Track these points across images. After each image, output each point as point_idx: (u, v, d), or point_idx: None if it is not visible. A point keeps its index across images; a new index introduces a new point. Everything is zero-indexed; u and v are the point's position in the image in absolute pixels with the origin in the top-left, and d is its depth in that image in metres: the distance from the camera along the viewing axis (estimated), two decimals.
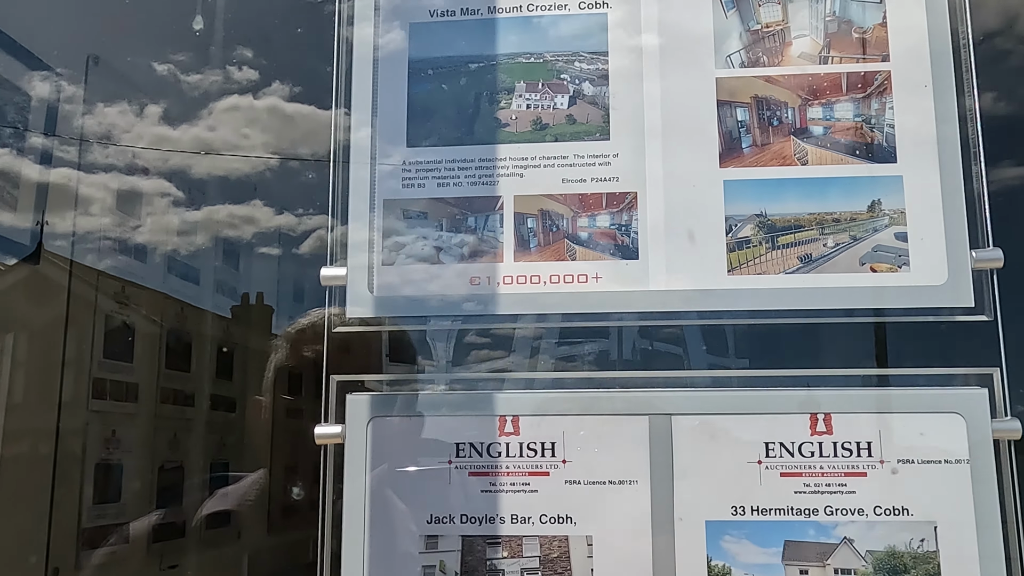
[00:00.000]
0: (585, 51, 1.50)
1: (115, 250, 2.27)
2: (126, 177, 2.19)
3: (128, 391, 2.32)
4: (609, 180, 1.46)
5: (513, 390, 1.45)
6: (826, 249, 1.42)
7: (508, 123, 1.50)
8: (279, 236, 2.16)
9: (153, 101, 2.12)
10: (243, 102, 2.07)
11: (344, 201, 1.50)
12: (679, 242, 1.44)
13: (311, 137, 2.01)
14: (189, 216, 2.21)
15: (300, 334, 1.87)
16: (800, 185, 1.44)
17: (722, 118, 1.46)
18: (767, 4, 1.49)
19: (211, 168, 2.12)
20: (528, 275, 1.45)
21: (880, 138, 1.44)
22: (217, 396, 2.43)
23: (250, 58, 2.06)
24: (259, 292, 2.36)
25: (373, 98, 1.52)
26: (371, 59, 1.54)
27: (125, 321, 2.31)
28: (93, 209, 2.20)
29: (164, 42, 2.08)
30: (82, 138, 2.15)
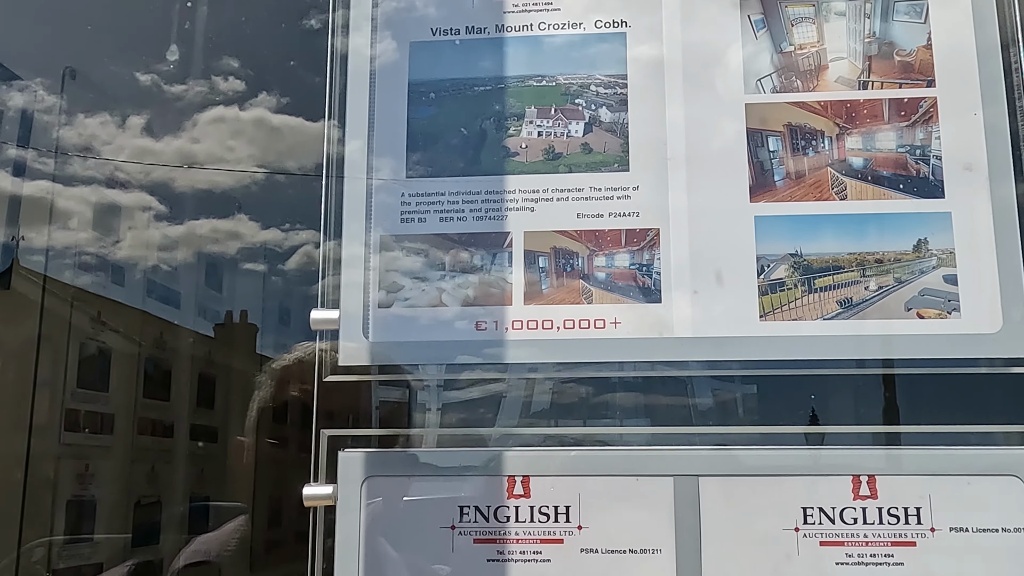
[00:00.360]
0: (602, 74, 1.38)
1: (93, 266, 2.14)
2: (106, 191, 2.07)
3: (103, 422, 2.19)
4: (629, 215, 1.33)
5: (523, 447, 1.31)
6: (868, 293, 1.29)
7: (517, 152, 1.37)
8: (264, 252, 2.04)
9: (135, 112, 2.00)
10: (228, 113, 1.97)
11: (337, 235, 1.36)
12: (706, 284, 1.31)
13: (298, 150, 1.90)
14: (171, 231, 2.10)
15: (286, 372, 1.73)
16: (839, 222, 1.31)
17: (752, 148, 1.33)
18: (801, 24, 1.36)
19: (195, 181, 2.00)
20: (540, 320, 1.32)
21: (926, 170, 1.31)
22: (198, 426, 2.31)
23: (236, 68, 1.95)
24: (243, 310, 2.24)
25: (369, 124, 1.39)
26: (367, 80, 1.41)
27: (101, 347, 2.18)
28: (71, 223, 2.08)
29: (147, 51, 1.96)
30: (59, 150, 2.03)
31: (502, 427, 1.35)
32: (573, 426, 1.39)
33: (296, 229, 1.94)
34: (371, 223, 1.36)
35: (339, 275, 1.36)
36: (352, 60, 1.41)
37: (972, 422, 1.26)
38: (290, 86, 1.91)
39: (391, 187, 1.37)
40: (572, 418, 1.37)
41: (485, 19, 1.41)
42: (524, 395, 1.35)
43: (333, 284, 1.36)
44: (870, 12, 1.36)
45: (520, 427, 1.35)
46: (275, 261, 2.03)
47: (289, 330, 2.18)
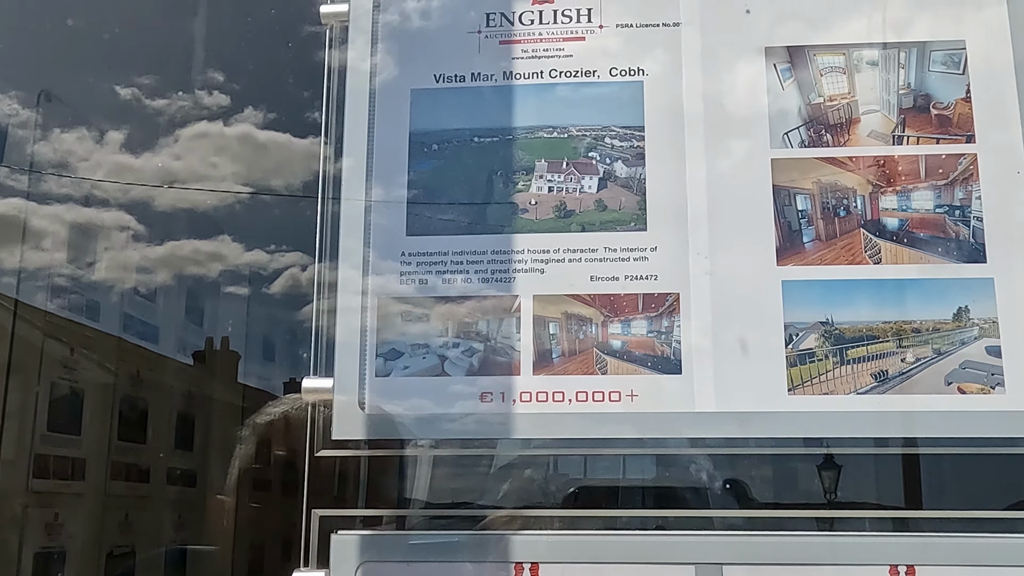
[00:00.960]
0: (617, 125, 1.28)
1: (68, 290, 2.04)
2: (82, 209, 1.98)
3: (75, 468, 2.09)
4: (646, 278, 1.24)
5: (531, 531, 1.20)
6: (905, 365, 1.19)
7: (527, 209, 1.27)
8: (248, 275, 1.95)
9: (115, 128, 1.91)
10: (212, 129, 1.87)
11: (331, 296, 1.26)
12: (730, 354, 1.21)
13: (285, 167, 1.81)
14: (150, 252, 2.00)
15: (271, 428, 1.63)
16: (872, 288, 1.22)
17: (779, 207, 1.24)
18: (830, 74, 1.27)
19: (176, 200, 1.91)
20: (550, 391, 1.22)
21: (966, 233, 1.22)
22: (175, 469, 2.21)
23: (221, 82, 1.86)
24: (224, 337, 2.14)
25: (367, 177, 1.29)
26: (365, 130, 1.30)
27: (73, 387, 2.07)
28: (44, 244, 1.98)
29: (128, 64, 1.86)
30: (34, 167, 1.94)
31: (509, 509, 1.24)
32: (585, 507, 1.29)
33: (281, 251, 1.86)
34: (368, 284, 1.26)
35: (333, 339, 1.25)
36: (350, 107, 1.31)
37: (1020, 508, 1.16)
38: (278, 101, 1.83)
39: (390, 245, 1.27)
40: (585, 499, 1.26)
41: (492, 65, 1.31)
42: (533, 473, 1.25)
43: (327, 347, 1.26)
44: (904, 62, 1.27)
45: (529, 509, 1.24)
46: (259, 284, 1.94)
47: (274, 359, 2.08)
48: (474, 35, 1.32)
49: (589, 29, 1.31)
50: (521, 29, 1.32)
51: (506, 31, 1.32)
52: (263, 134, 1.90)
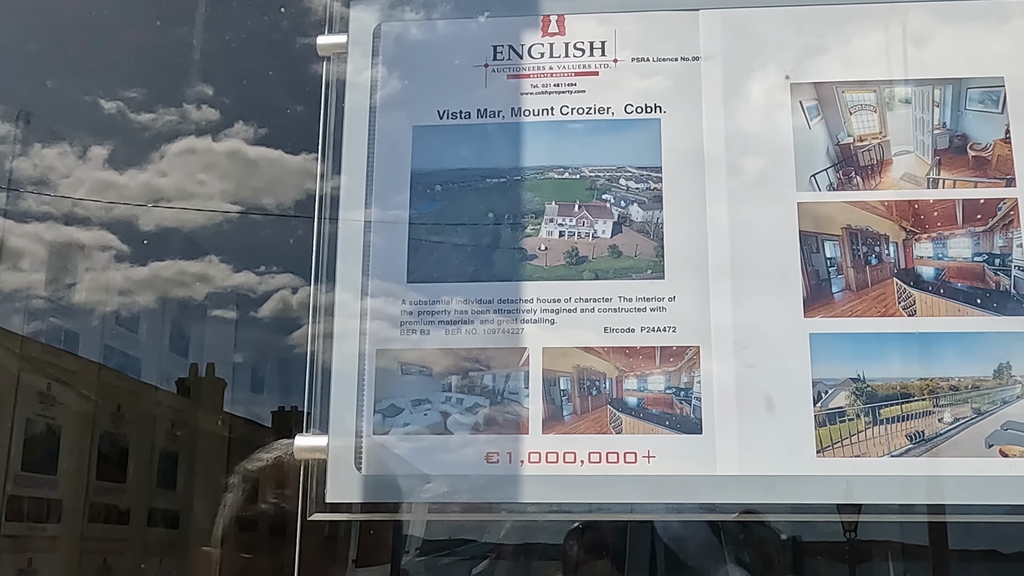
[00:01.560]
0: (633, 166, 1.20)
1: (46, 313, 1.96)
2: (62, 228, 1.90)
3: (50, 510, 1.99)
4: (664, 330, 1.15)
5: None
6: (942, 426, 1.11)
7: (536, 255, 1.19)
8: (236, 297, 1.87)
9: (98, 142, 1.84)
10: (200, 144, 1.79)
11: (326, 347, 1.18)
12: (754, 412, 1.13)
13: (276, 185, 1.74)
14: (132, 273, 1.92)
15: (262, 475, 1.53)
16: (907, 342, 1.14)
17: (806, 254, 1.16)
18: (860, 112, 1.19)
19: (161, 219, 1.84)
20: (560, 452, 1.13)
21: (1007, 283, 1.14)
22: (156, 510, 2.11)
23: (210, 96, 1.79)
24: (210, 363, 2.06)
25: (365, 221, 1.21)
26: (364, 168, 1.23)
27: (49, 424, 1.99)
28: (22, 264, 1.91)
29: (113, 76, 1.79)
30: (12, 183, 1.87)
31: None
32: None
33: (271, 273, 1.78)
34: (366, 335, 1.18)
35: (328, 394, 1.17)
36: (347, 144, 1.23)
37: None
38: (269, 116, 1.76)
39: (390, 293, 1.18)
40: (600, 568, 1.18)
41: (499, 101, 1.23)
42: (541, 539, 1.16)
43: (321, 403, 1.17)
44: (939, 100, 1.19)
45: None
46: (247, 308, 1.86)
47: (262, 387, 2.00)
48: (480, 69, 1.24)
49: (603, 63, 1.23)
50: (531, 63, 1.24)
51: (514, 65, 1.24)
52: (254, 150, 1.83)
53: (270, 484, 1.51)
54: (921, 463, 1.11)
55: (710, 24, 1.23)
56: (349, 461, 1.15)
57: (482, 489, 1.13)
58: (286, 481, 1.39)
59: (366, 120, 1.23)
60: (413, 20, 1.27)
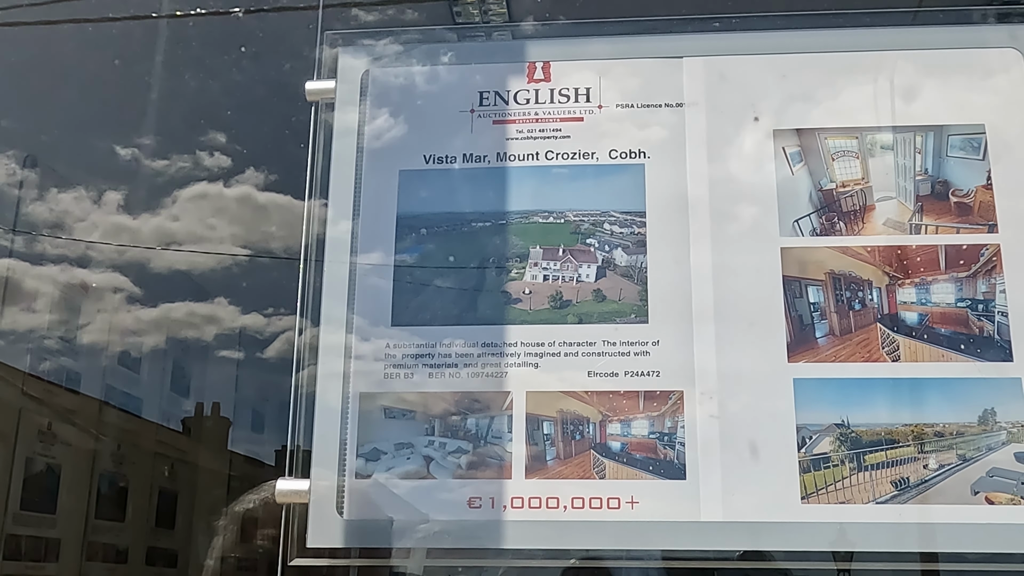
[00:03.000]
0: (617, 210, 1.19)
1: (55, 353, 1.94)
2: (75, 270, 1.89)
3: (48, 549, 1.96)
4: (648, 375, 1.13)
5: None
6: (927, 472, 1.08)
7: (520, 298, 1.17)
8: (241, 338, 1.85)
9: (113, 188, 1.83)
10: (212, 190, 1.80)
11: (309, 392, 1.15)
12: (738, 458, 1.10)
13: (284, 229, 1.73)
14: (142, 314, 1.91)
15: (249, 516, 1.50)
16: (891, 387, 1.11)
17: (790, 299, 1.14)
18: (843, 158, 1.18)
19: (172, 262, 1.83)
20: (544, 497, 1.10)
21: (990, 328, 1.12)
22: (156, 549, 2.08)
23: (223, 143, 1.78)
24: (215, 403, 2.04)
25: (351, 264, 1.19)
26: (350, 212, 1.21)
27: (49, 463, 1.96)
28: (36, 306, 1.89)
29: (129, 124, 1.80)
30: (29, 227, 1.87)
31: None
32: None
33: (279, 314, 1.76)
34: (350, 378, 1.15)
35: (311, 437, 1.14)
36: (334, 188, 1.22)
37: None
38: (278, 162, 1.75)
39: (374, 336, 1.16)
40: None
41: (485, 146, 1.22)
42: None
43: (304, 448, 1.14)
44: (921, 147, 1.18)
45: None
46: (253, 349, 1.84)
47: (263, 427, 1.98)
48: (466, 114, 1.23)
49: (588, 109, 1.22)
50: (516, 108, 1.23)
51: (500, 110, 1.23)
52: (263, 195, 1.82)
53: (256, 527, 1.48)
54: (907, 510, 1.08)
55: (693, 71, 1.22)
56: (331, 505, 1.12)
57: (465, 535, 1.10)
58: (272, 523, 1.36)
59: (353, 164, 1.22)
60: (400, 66, 1.26)
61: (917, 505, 1.08)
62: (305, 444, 1.15)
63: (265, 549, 1.44)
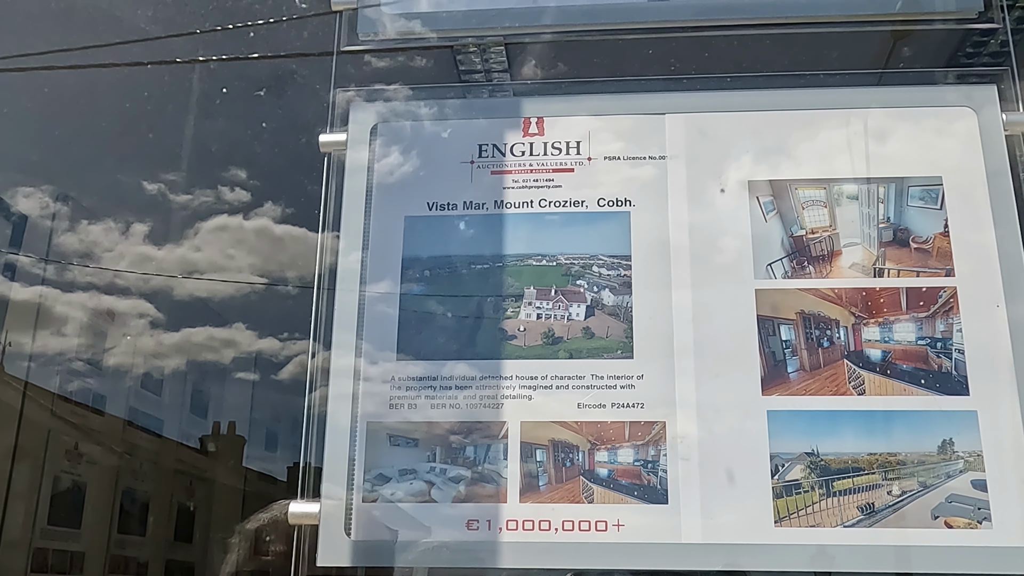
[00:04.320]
0: (605, 254, 1.22)
1: (82, 375, 1.96)
2: (103, 297, 1.91)
3: (73, 562, 1.96)
4: (633, 406, 1.16)
5: None
6: (891, 498, 1.11)
7: (515, 335, 1.20)
8: (256, 361, 1.87)
9: (140, 220, 1.86)
10: (232, 222, 1.83)
11: (320, 420, 1.18)
12: (716, 484, 1.12)
13: (299, 259, 1.75)
14: (165, 338, 1.92)
15: (259, 534, 1.52)
16: (857, 419, 1.14)
17: (764, 337, 1.17)
18: (812, 207, 1.21)
19: (193, 289, 1.85)
20: (536, 520, 1.12)
21: (948, 365, 1.14)
22: (174, 562, 2.08)
23: (243, 179, 1.81)
24: (231, 421, 2.05)
25: (360, 302, 1.21)
26: (359, 254, 1.24)
27: (76, 480, 1.97)
28: (66, 330, 1.91)
29: (155, 161, 1.83)
30: (60, 256, 1.89)
31: None
32: None
33: (293, 339, 1.78)
34: (357, 407, 1.18)
35: (321, 463, 1.16)
36: (344, 233, 1.25)
37: None
38: (294, 198, 1.78)
39: (380, 369, 1.19)
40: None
41: (483, 194, 1.25)
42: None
43: (315, 471, 1.16)
44: (884, 197, 1.21)
45: None
46: (269, 371, 1.86)
47: (276, 444, 1.99)
48: (467, 165, 1.27)
49: (578, 161, 1.26)
50: (512, 160, 1.26)
51: (498, 162, 1.26)
52: (280, 228, 1.85)
53: (268, 543, 1.50)
54: (872, 533, 1.10)
55: (675, 127, 1.25)
56: (339, 527, 1.14)
57: (464, 555, 1.12)
58: (279, 540, 1.38)
59: (362, 210, 1.25)
60: (407, 121, 1.30)
61: (882, 529, 1.10)
62: (315, 467, 1.17)
63: (276, 565, 1.46)
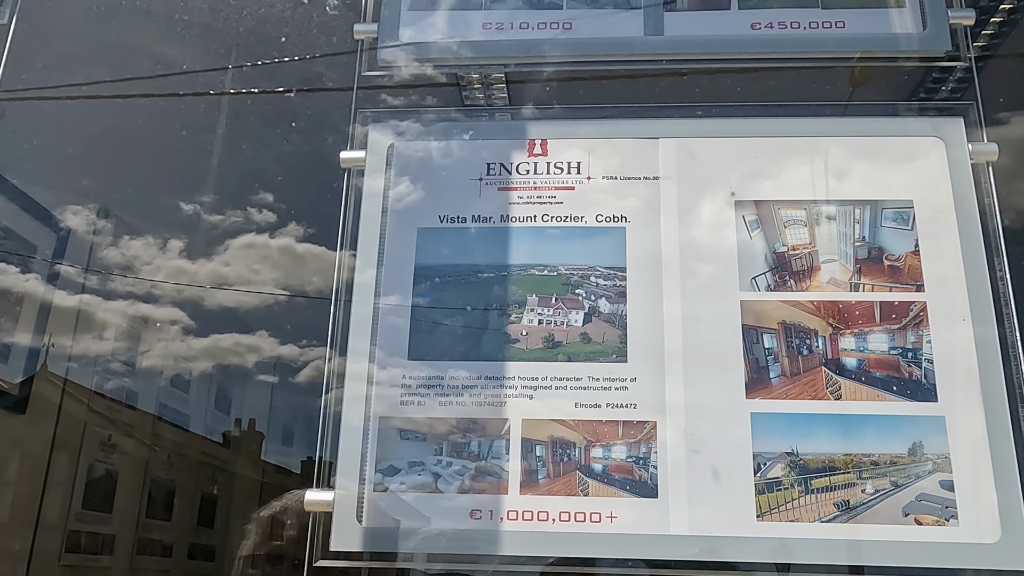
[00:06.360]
0: (602, 266, 1.20)
1: (118, 375, 1.95)
2: (141, 305, 1.91)
3: (104, 543, 1.93)
4: (626, 407, 1.13)
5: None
6: (865, 496, 1.08)
7: (518, 339, 1.18)
8: (278, 366, 1.86)
9: (176, 237, 1.88)
10: (258, 240, 1.84)
11: (336, 416, 1.15)
12: (703, 480, 1.10)
13: (318, 275, 1.76)
14: (195, 343, 1.92)
15: (273, 522, 1.48)
16: (834, 422, 1.12)
17: (748, 344, 1.15)
18: (793, 226, 1.20)
19: (222, 300, 1.84)
20: (535, 511, 1.10)
21: (919, 373, 1.12)
22: (196, 545, 2.05)
23: (270, 202, 1.83)
24: (251, 418, 2.03)
25: (375, 307, 1.19)
26: (375, 263, 1.22)
27: (108, 469, 1.94)
28: (106, 335, 1.90)
29: (190, 184, 1.85)
30: (103, 268, 1.89)
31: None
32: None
33: (311, 346, 1.76)
34: (371, 405, 1.16)
35: (336, 454, 1.13)
36: (362, 243, 1.24)
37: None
38: (315, 220, 1.77)
39: (393, 369, 1.16)
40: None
41: (491, 209, 1.24)
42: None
43: (330, 462, 1.14)
44: (859, 218, 1.20)
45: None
46: (287, 374, 1.84)
47: (292, 440, 1.98)
48: (476, 182, 1.25)
49: (578, 180, 1.24)
50: (518, 178, 1.25)
51: (504, 179, 1.25)
52: (301, 246, 1.84)
53: (283, 529, 1.46)
54: (846, 528, 1.08)
55: (668, 150, 1.24)
56: (352, 514, 1.11)
57: (466, 542, 1.10)
58: (291, 527, 1.35)
59: (378, 222, 1.24)
60: (420, 141, 1.28)
61: (856, 524, 1.08)
62: (329, 459, 1.14)
63: (289, 550, 1.43)
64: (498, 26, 1.34)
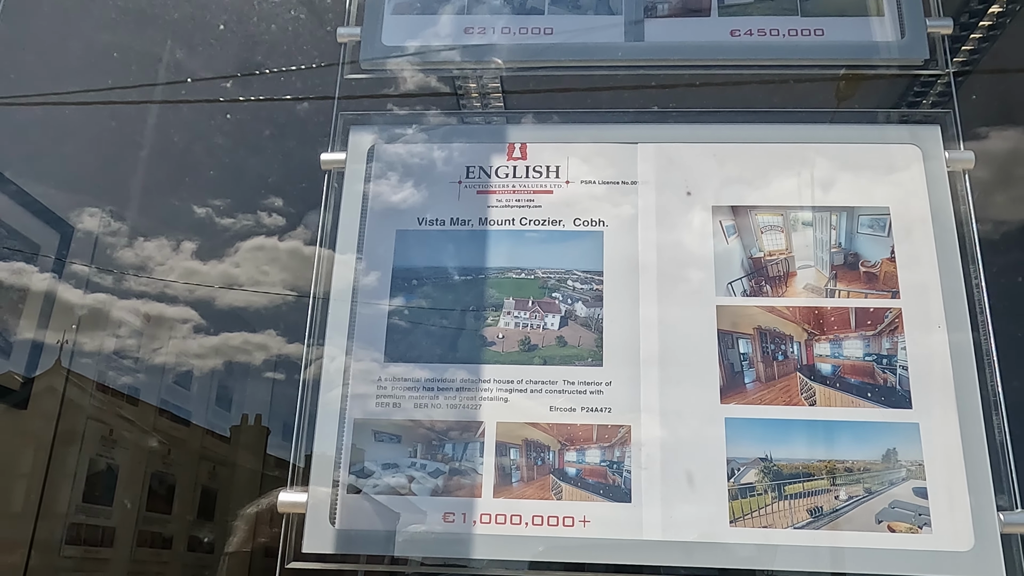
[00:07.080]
0: (579, 269, 1.16)
1: (130, 371, 1.94)
2: (154, 304, 1.92)
3: (104, 536, 1.90)
4: (601, 411, 1.10)
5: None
6: (838, 502, 1.05)
7: (494, 342, 1.14)
8: (283, 364, 1.84)
9: (188, 239, 1.89)
10: (268, 243, 1.85)
11: (311, 415, 1.11)
12: (677, 485, 1.06)
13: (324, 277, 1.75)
14: (205, 341, 1.92)
15: (258, 518, 1.45)
16: (808, 428, 1.08)
17: (723, 349, 1.11)
18: (770, 231, 1.16)
19: (232, 300, 1.82)
20: (508, 514, 1.06)
21: (893, 380, 1.09)
22: (195, 538, 2.02)
23: (279, 206, 1.83)
24: (258, 414, 2.01)
25: (351, 308, 1.16)
26: (352, 264, 1.18)
27: (110, 464, 1.91)
28: (120, 332, 1.91)
29: (204, 189, 1.86)
30: (118, 268, 1.87)
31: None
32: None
33: (318, 344, 1.75)
34: (347, 406, 1.12)
35: (311, 454, 1.10)
36: (340, 244, 1.21)
37: None
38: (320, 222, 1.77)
39: (369, 370, 1.13)
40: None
41: (469, 212, 1.20)
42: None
43: (305, 463, 1.10)
44: (836, 224, 1.17)
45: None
46: (293, 372, 1.82)
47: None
48: (455, 185, 1.22)
49: (557, 184, 1.21)
50: (497, 181, 1.22)
51: (483, 182, 1.22)
52: (308, 249, 1.83)
53: (263, 525, 1.43)
54: (820, 535, 1.04)
55: (646, 155, 1.21)
56: (325, 516, 1.07)
57: (440, 545, 1.06)
58: (276, 522, 1.32)
59: (357, 223, 1.20)
60: (402, 143, 1.25)
61: (829, 531, 1.04)
62: (304, 460, 1.10)
63: (273, 547, 1.39)
64: (480, 31, 1.31)
